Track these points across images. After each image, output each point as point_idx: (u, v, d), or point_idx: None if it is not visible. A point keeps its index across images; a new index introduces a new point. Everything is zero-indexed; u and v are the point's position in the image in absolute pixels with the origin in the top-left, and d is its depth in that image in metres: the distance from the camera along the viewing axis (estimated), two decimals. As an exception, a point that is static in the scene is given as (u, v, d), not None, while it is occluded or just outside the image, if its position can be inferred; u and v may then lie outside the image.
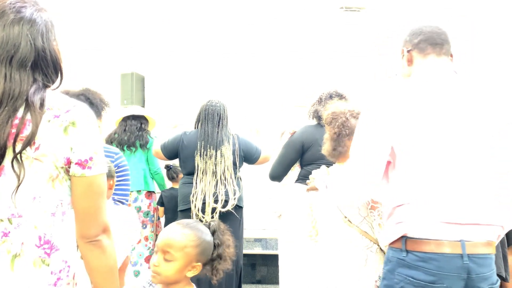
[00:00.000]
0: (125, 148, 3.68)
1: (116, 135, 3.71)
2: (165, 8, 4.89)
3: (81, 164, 1.13)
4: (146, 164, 3.76)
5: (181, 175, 3.49)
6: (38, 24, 1.15)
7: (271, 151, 3.19)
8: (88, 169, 1.14)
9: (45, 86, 1.15)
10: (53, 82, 1.19)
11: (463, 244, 1.36)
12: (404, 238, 1.42)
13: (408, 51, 1.63)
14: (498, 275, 3.44)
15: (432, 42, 1.58)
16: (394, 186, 1.49)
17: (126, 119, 3.76)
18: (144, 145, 3.70)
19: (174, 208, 3.48)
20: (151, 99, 4.97)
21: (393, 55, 4.69)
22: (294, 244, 2.77)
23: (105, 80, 4.94)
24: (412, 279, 1.39)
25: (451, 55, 1.63)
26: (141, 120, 3.78)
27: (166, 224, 3.72)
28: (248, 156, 3.13)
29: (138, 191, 3.71)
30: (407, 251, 1.41)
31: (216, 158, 2.96)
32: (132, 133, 3.69)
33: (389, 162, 1.51)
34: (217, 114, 3.04)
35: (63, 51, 1.26)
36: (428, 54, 1.58)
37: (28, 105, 1.09)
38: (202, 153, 2.97)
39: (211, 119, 3.02)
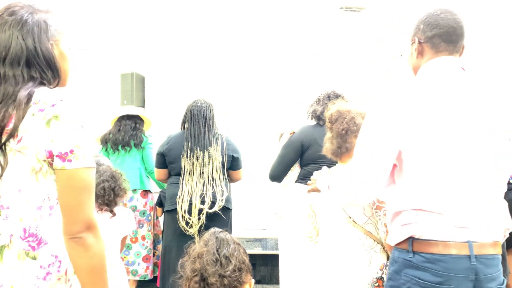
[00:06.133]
0: (119, 147, 3.67)
1: (111, 135, 3.70)
2: (165, 8, 4.89)
3: (61, 157, 1.13)
4: (141, 163, 3.74)
5: None
6: (28, 25, 1.19)
7: (242, 175, 3.20)
8: (68, 162, 1.13)
9: (43, 84, 1.19)
10: (52, 79, 1.23)
11: (470, 245, 1.35)
12: (411, 239, 1.41)
13: (420, 43, 1.54)
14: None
15: (447, 39, 1.49)
16: (401, 189, 1.47)
17: (121, 119, 3.75)
18: (138, 144, 3.68)
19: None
20: (151, 99, 4.97)
21: (391, 55, 4.70)
22: (294, 244, 2.77)
23: (105, 80, 4.95)
24: (419, 280, 1.37)
25: (463, 47, 1.55)
26: (135, 120, 3.76)
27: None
28: (232, 162, 3.08)
29: (134, 190, 3.70)
30: (414, 252, 1.39)
31: (203, 159, 2.93)
32: (126, 132, 3.68)
33: (394, 165, 1.48)
34: (203, 114, 2.99)
35: (68, 50, 1.29)
36: (440, 52, 1.50)
37: (15, 101, 1.13)
38: (188, 154, 2.93)
39: (197, 120, 2.98)
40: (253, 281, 1.42)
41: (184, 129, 3.05)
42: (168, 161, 3.04)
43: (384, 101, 1.49)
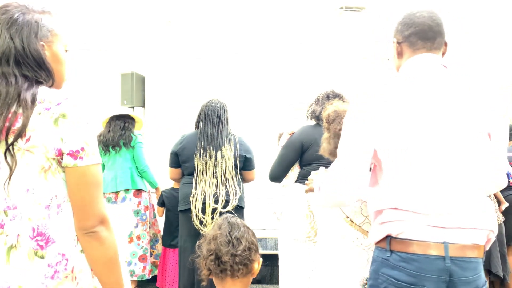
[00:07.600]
0: (110, 148, 3.67)
1: (101, 137, 3.69)
2: (165, 9, 4.90)
3: (73, 155, 1.15)
4: (132, 163, 3.73)
5: None
6: (18, 24, 1.19)
7: (256, 176, 3.23)
8: (80, 159, 1.16)
9: (39, 83, 1.19)
10: (47, 78, 1.23)
11: (446, 246, 1.33)
12: (388, 238, 1.40)
13: (399, 43, 1.55)
14: (495, 275, 3.42)
15: (423, 36, 1.50)
16: (381, 188, 1.45)
17: (111, 120, 3.75)
18: (127, 144, 3.67)
19: (174, 208, 3.49)
20: (151, 99, 4.98)
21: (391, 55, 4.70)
22: (294, 244, 2.77)
23: (105, 80, 4.96)
24: (394, 280, 1.36)
25: (445, 44, 1.55)
26: (125, 119, 3.75)
27: (167, 224, 3.73)
28: (245, 162, 3.11)
29: (126, 190, 3.70)
30: (391, 251, 1.38)
31: (216, 159, 2.95)
32: (115, 133, 3.67)
33: (375, 165, 1.47)
34: (217, 114, 3.03)
35: (64, 52, 1.29)
36: (418, 50, 1.51)
37: (20, 100, 1.13)
38: (201, 153, 2.97)
39: (211, 120, 3.01)
40: (261, 259, 1.56)
41: (198, 128, 3.07)
42: (182, 160, 3.06)
43: (360, 98, 1.48)
